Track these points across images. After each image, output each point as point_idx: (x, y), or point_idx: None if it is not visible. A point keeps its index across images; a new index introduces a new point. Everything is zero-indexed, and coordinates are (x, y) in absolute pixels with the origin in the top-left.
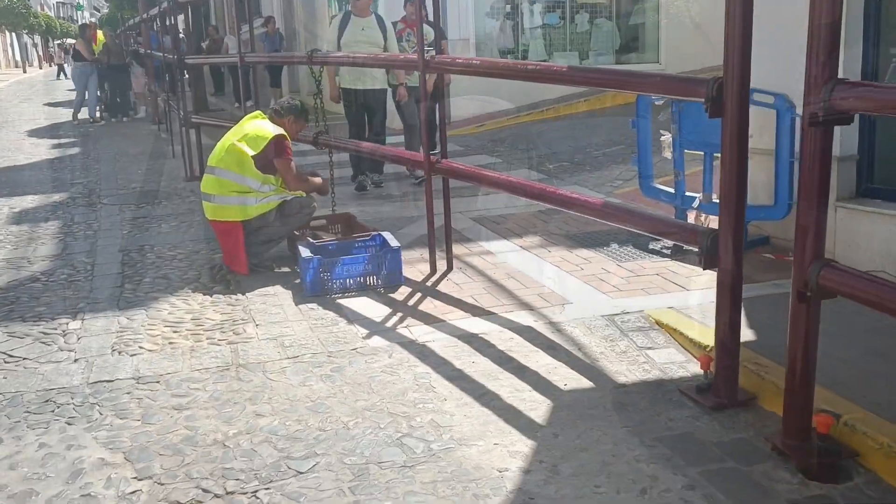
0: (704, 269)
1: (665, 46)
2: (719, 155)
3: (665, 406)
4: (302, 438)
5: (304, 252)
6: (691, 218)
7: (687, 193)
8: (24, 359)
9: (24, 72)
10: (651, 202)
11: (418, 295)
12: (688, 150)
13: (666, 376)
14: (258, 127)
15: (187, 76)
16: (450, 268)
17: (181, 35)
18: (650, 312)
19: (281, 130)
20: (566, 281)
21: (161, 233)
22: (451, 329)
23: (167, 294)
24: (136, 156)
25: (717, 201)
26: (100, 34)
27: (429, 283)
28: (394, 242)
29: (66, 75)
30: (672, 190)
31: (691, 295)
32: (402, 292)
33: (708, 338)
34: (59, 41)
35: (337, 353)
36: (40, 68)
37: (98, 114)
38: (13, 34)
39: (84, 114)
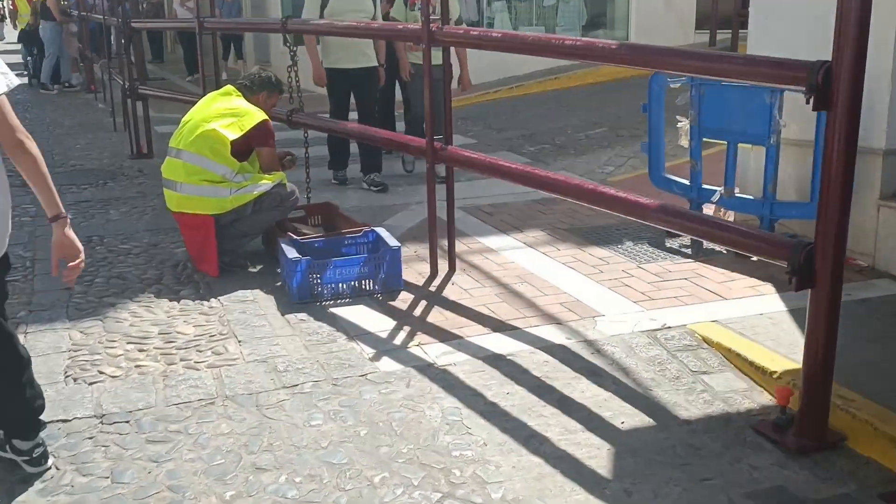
0: (797, 291)
1: (635, 22)
2: (748, 145)
3: (742, 450)
4: (319, 502)
5: (290, 252)
6: (708, 213)
7: (704, 186)
8: None
9: None
10: (662, 194)
11: (423, 303)
12: (707, 139)
13: (732, 409)
14: (238, 107)
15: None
16: (452, 269)
17: None
18: (694, 328)
19: (264, 114)
20: (588, 287)
21: (110, 220)
22: (471, 348)
23: (125, 299)
24: (71, 128)
25: (742, 196)
26: None
27: (432, 288)
28: (391, 241)
29: None
30: (686, 181)
31: (732, 305)
32: (403, 299)
33: (772, 362)
34: None
35: (343, 381)
36: None
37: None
38: None
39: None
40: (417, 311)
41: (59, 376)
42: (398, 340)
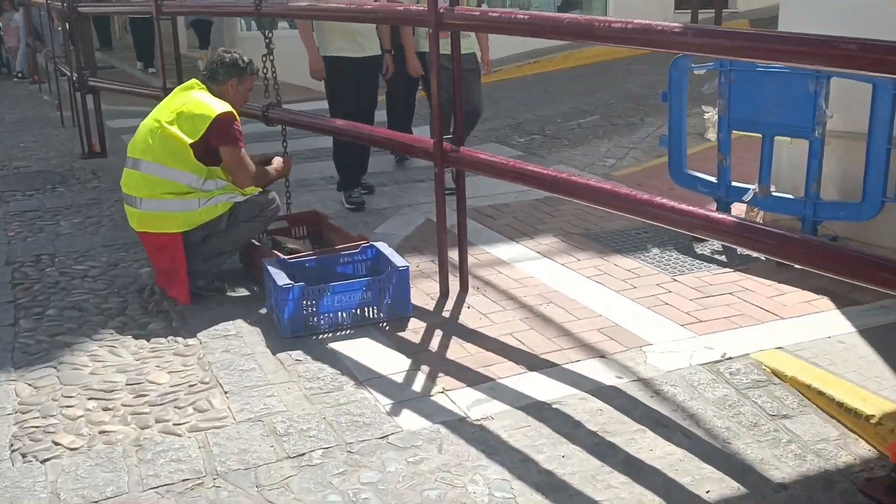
0: None
1: (613, 3)
2: (784, 138)
3: None
4: None
5: (279, 276)
6: (738, 212)
7: (733, 183)
8: None
9: None
10: (684, 192)
11: (438, 333)
12: (738, 132)
13: (828, 464)
14: (195, 102)
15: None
16: (464, 289)
17: None
18: (759, 358)
19: (225, 106)
20: (623, 307)
21: (61, 234)
22: (507, 394)
23: (83, 337)
24: (13, 123)
25: (780, 195)
26: None
27: (445, 313)
28: (397, 259)
29: None
30: (713, 178)
31: (791, 326)
32: (413, 329)
33: (864, 402)
34: None
35: (360, 447)
36: None
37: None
38: None
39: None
40: (433, 345)
41: (4, 451)
42: (417, 386)
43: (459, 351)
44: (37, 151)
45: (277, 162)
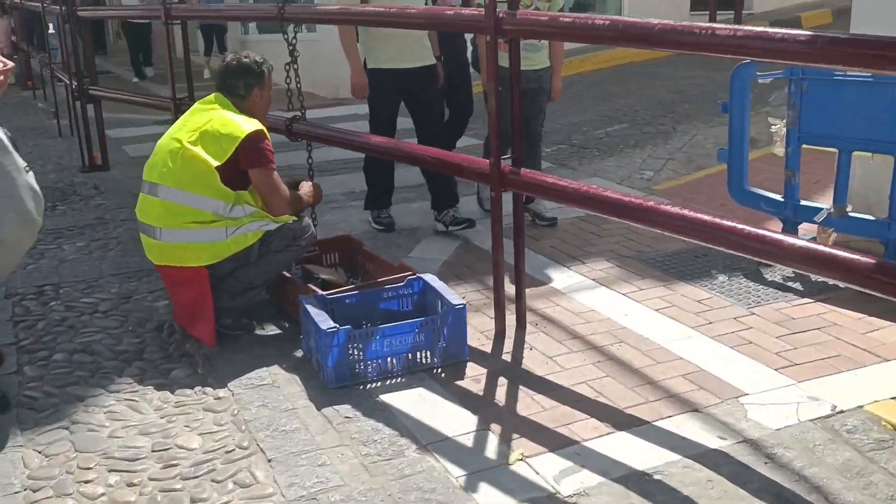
0: None
1: (627, 4)
2: (863, 153)
3: None
4: None
5: (321, 318)
6: (806, 232)
7: (803, 202)
8: None
9: None
10: (744, 210)
11: (502, 382)
12: (808, 146)
13: None
14: (220, 120)
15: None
16: (521, 326)
17: None
18: (876, 411)
19: (254, 123)
20: (705, 348)
21: (65, 260)
22: (598, 461)
23: (98, 389)
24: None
25: (858, 215)
26: None
27: (504, 356)
28: (450, 295)
29: None
30: (778, 196)
31: None
32: (472, 376)
33: None
34: None
35: None
36: None
37: None
38: None
39: None
40: (499, 397)
41: None
42: (491, 451)
43: (531, 404)
44: (33, 165)
45: (307, 187)
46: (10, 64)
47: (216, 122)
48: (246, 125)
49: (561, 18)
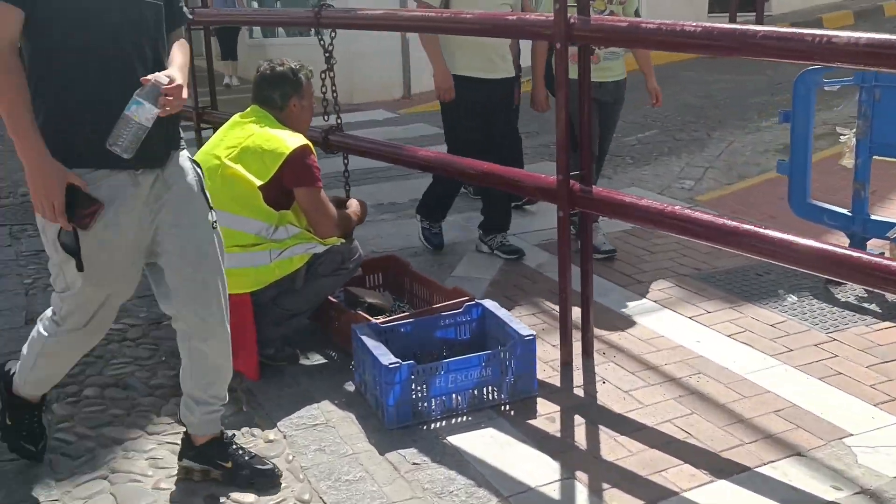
0: None
1: (644, 5)
2: None
3: None
4: None
5: (380, 352)
6: (875, 247)
7: (873, 217)
8: None
9: None
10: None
11: (579, 421)
12: (880, 157)
13: None
14: (262, 135)
15: None
16: (589, 355)
17: None
18: None
19: (298, 138)
20: (793, 380)
21: None
22: None
23: (136, 429)
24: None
25: None
26: None
27: (576, 390)
28: (517, 325)
29: None
30: (845, 210)
31: None
32: (545, 413)
33: None
34: None
35: None
36: None
37: None
38: None
39: None
40: (579, 439)
41: None
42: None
43: (616, 448)
44: None
45: (354, 205)
46: (179, 81)
47: (258, 136)
48: (291, 140)
49: (644, 25)
